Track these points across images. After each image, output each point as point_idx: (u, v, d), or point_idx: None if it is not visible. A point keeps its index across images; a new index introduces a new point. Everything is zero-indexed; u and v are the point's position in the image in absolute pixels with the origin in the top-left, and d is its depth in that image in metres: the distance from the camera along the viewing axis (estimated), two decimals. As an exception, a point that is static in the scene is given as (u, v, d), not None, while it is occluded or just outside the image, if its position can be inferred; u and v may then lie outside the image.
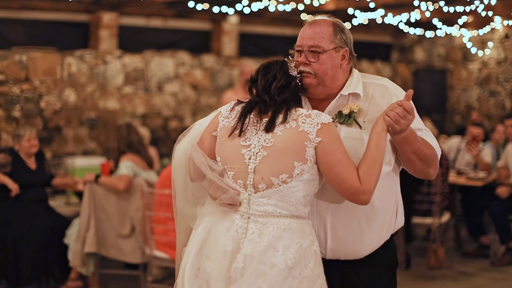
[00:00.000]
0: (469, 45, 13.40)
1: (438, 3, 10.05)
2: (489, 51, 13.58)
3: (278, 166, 3.11)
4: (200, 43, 12.12)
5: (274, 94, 3.19)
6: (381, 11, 10.98)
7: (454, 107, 14.30)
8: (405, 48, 15.11)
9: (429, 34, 13.45)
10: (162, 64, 11.31)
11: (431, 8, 10.31)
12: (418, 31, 13.25)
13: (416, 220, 8.47)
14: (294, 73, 3.29)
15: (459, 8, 10.67)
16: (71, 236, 7.24)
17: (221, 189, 3.22)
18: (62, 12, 10.31)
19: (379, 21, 11.65)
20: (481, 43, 13.57)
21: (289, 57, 3.47)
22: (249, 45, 12.66)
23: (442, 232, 8.53)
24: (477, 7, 10.43)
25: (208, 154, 3.30)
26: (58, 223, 7.41)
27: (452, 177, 8.96)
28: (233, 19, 12.02)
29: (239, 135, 3.20)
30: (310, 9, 10.78)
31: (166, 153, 10.75)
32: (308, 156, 3.10)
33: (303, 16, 11.07)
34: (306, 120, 3.13)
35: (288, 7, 10.53)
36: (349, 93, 3.42)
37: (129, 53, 10.88)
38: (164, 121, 11.38)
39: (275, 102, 3.19)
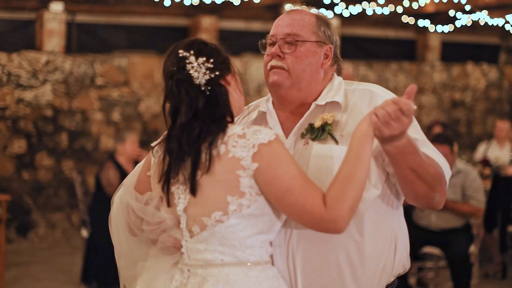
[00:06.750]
0: None
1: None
2: None
3: (208, 203, 2.41)
4: (299, 46, 12.10)
5: (186, 146, 2.45)
6: (484, 13, 10.67)
7: None
8: (513, 49, 14.66)
9: (538, 34, 13.01)
10: (261, 68, 11.28)
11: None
12: (526, 32, 12.83)
13: (512, 229, 8.28)
14: (200, 80, 2.53)
15: None
16: None
17: (157, 223, 2.52)
18: (162, 16, 10.48)
19: (481, 22, 11.32)
20: None
21: (261, 51, 2.85)
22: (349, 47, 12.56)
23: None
24: None
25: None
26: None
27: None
28: (333, 22, 11.94)
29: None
30: (410, 12, 10.60)
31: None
32: (245, 188, 2.38)
33: (404, 19, 10.89)
34: (239, 142, 2.39)
35: (386, 10, 10.38)
36: (327, 103, 2.70)
37: (228, 57, 10.94)
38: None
39: (190, 152, 2.45)
